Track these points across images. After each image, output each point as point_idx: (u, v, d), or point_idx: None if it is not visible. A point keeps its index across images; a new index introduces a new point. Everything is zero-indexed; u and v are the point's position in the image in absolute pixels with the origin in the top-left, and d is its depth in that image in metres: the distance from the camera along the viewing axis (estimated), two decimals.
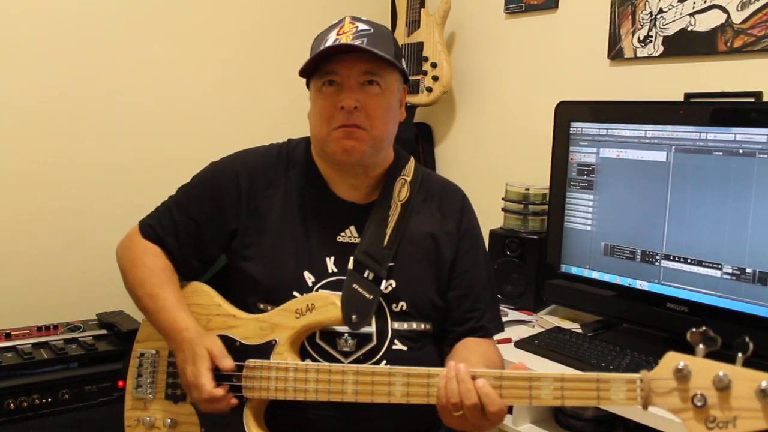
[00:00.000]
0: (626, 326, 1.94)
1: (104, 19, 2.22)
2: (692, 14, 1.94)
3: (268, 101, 2.57)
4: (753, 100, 1.79)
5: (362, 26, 1.33)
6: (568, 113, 1.98)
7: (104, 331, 2.02)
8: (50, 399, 1.81)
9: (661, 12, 2.01)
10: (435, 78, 2.48)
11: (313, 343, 1.32)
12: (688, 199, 1.72)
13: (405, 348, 1.34)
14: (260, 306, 1.35)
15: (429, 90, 2.50)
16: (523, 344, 1.84)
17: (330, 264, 1.35)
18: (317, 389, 1.21)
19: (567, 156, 1.97)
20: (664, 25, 2.01)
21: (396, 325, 1.34)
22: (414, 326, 1.36)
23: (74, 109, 2.19)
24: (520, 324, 2.05)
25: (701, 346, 0.96)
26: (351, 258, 1.34)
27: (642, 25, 2.05)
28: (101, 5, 2.21)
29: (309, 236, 1.37)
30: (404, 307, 1.35)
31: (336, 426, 1.30)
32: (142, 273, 1.39)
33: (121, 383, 1.42)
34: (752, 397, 0.91)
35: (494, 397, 1.08)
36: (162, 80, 2.35)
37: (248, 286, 1.37)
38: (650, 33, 2.04)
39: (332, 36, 1.32)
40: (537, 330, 1.98)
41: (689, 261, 1.72)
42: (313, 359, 1.31)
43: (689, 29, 1.95)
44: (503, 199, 2.27)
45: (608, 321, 1.97)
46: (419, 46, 2.52)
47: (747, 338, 0.95)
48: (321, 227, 1.38)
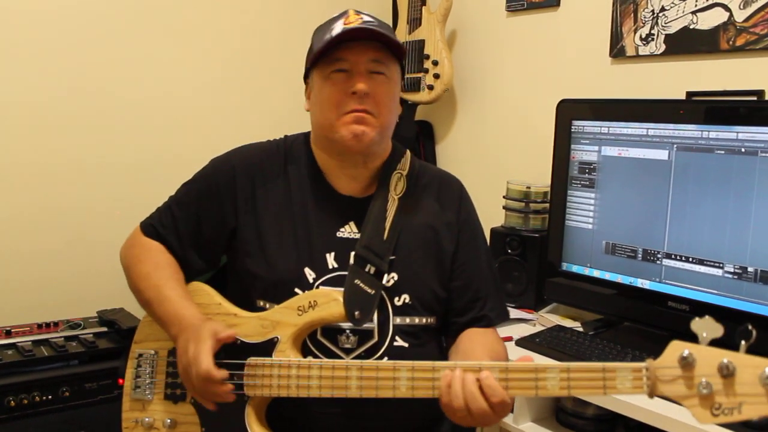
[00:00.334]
0: (627, 325, 1.93)
1: (104, 19, 2.21)
2: (694, 12, 1.94)
3: (269, 100, 2.56)
4: (755, 99, 1.78)
5: (367, 17, 1.34)
6: (570, 111, 1.98)
7: (105, 329, 2.02)
8: (50, 396, 1.81)
9: (663, 10, 2.00)
10: (436, 76, 2.48)
11: (315, 340, 1.31)
12: (690, 198, 1.72)
13: (406, 344, 1.33)
14: (260, 304, 1.35)
15: (430, 88, 2.49)
16: (524, 343, 1.83)
17: (330, 260, 1.35)
18: (320, 385, 1.21)
19: (568, 154, 1.97)
20: (666, 23, 2.00)
21: (398, 321, 1.34)
22: (416, 321, 1.36)
23: (75, 108, 2.19)
24: (521, 322, 2.05)
25: (705, 334, 0.97)
26: (352, 253, 1.34)
27: (644, 23, 2.05)
28: (101, 4, 2.21)
29: (309, 232, 1.37)
30: (407, 300, 1.35)
31: (339, 423, 1.30)
32: (148, 267, 1.39)
33: (122, 381, 1.42)
34: (756, 384, 0.92)
35: (497, 389, 1.08)
36: (162, 79, 2.35)
37: (248, 284, 1.36)
38: (652, 31, 2.03)
39: (338, 26, 1.32)
40: (538, 328, 1.98)
41: (691, 260, 1.72)
42: (315, 356, 1.30)
43: (691, 27, 1.95)
44: (504, 197, 2.26)
45: (609, 320, 1.97)
46: (420, 44, 2.52)
47: (750, 326, 0.96)
48: (321, 223, 1.38)
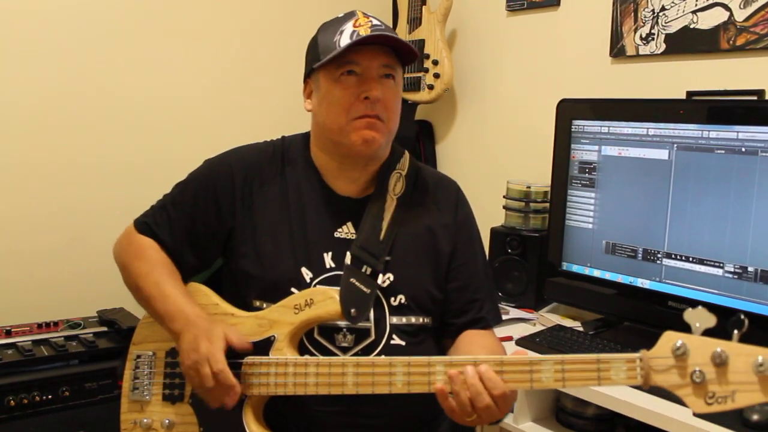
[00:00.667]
0: (627, 324, 1.93)
1: (104, 19, 2.21)
2: (695, 12, 1.94)
3: (268, 100, 2.56)
4: (755, 98, 1.78)
5: (375, 21, 1.34)
6: (570, 111, 1.98)
7: (105, 329, 2.02)
8: (50, 396, 1.81)
9: (664, 9, 2.00)
10: (436, 75, 2.47)
11: (312, 339, 1.31)
12: (690, 198, 1.72)
13: (403, 343, 1.33)
14: (257, 304, 1.35)
15: (430, 87, 2.49)
16: (524, 342, 1.83)
17: (327, 259, 1.35)
18: (317, 383, 1.21)
19: (568, 154, 1.97)
20: (667, 23, 2.00)
21: (394, 320, 1.34)
22: (413, 320, 1.36)
23: (75, 108, 2.19)
24: (521, 322, 2.05)
25: (698, 325, 0.98)
26: (348, 253, 1.34)
27: (644, 23, 2.05)
28: (99, 4, 2.21)
29: (306, 232, 1.36)
30: (403, 301, 1.35)
31: (337, 421, 1.29)
32: (146, 265, 1.38)
33: (122, 382, 1.42)
34: (749, 372, 0.92)
35: (497, 381, 1.08)
36: (162, 79, 2.35)
37: (245, 284, 1.36)
38: (652, 31, 2.03)
39: (348, 27, 1.31)
40: (538, 328, 1.98)
41: (691, 259, 1.72)
42: (312, 355, 1.30)
43: (691, 27, 1.95)
44: (504, 197, 2.26)
45: (609, 319, 1.96)
46: (420, 44, 2.52)
47: (742, 315, 0.96)
48: (318, 223, 1.37)
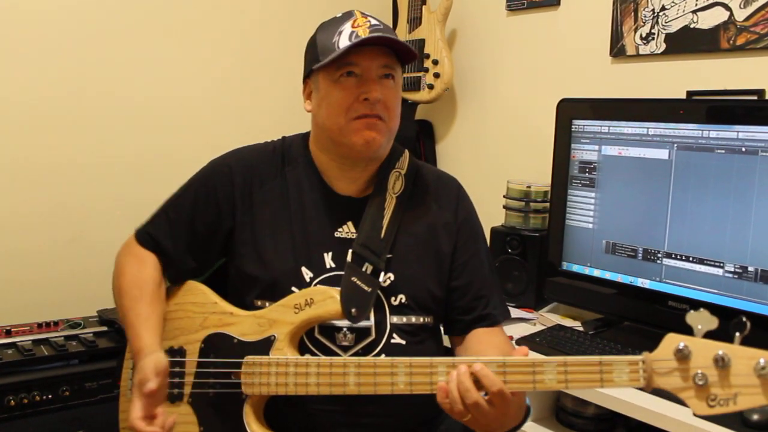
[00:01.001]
0: (627, 324, 1.93)
1: (104, 18, 2.21)
2: (695, 11, 1.94)
3: (268, 100, 2.56)
4: (755, 98, 1.78)
5: (373, 21, 1.34)
6: (570, 111, 1.98)
7: (105, 328, 2.01)
8: (50, 396, 1.81)
9: (664, 9, 2.00)
10: (436, 75, 2.47)
11: (312, 338, 1.31)
12: (690, 197, 1.72)
13: (404, 342, 1.33)
14: (258, 303, 1.35)
15: (430, 87, 2.49)
16: (525, 342, 1.83)
17: (328, 259, 1.35)
18: (318, 383, 1.21)
19: (569, 153, 1.97)
20: (667, 23, 2.00)
21: (395, 319, 1.34)
22: (413, 320, 1.36)
23: (75, 107, 2.19)
24: (522, 322, 2.05)
25: (700, 327, 0.98)
26: (349, 252, 1.34)
27: (644, 23, 2.05)
28: (101, 3, 2.21)
29: (306, 232, 1.36)
30: (403, 300, 1.35)
31: (337, 420, 1.29)
32: (124, 283, 1.39)
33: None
34: (751, 375, 0.92)
35: (491, 378, 1.06)
36: (163, 79, 2.35)
37: (246, 284, 1.36)
38: (652, 30, 2.03)
39: (347, 28, 1.31)
40: (538, 328, 1.98)
41: (691, 259, 1.72)
42: (312, 354, 1.30)
43: (692, 27, 1.95)
44: (504, 197, 2.26)
45: (609, 319, 1.96)
46: (420, 43, 2.52)
47: (744, 317, 0.96)
48: (318, 223, 1.37)
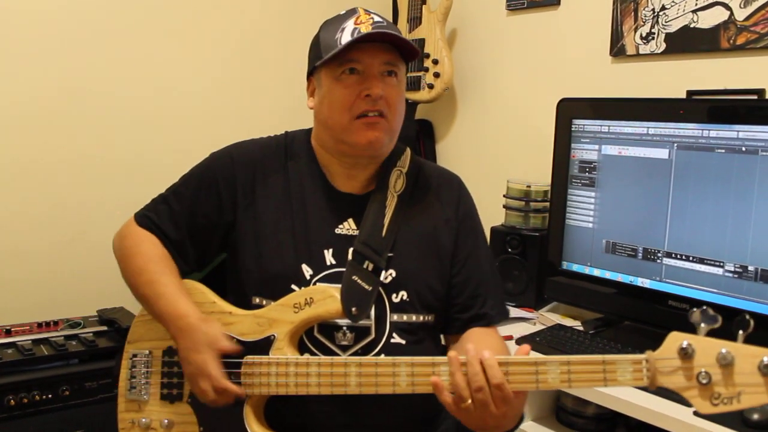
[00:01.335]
0: (627, 324, 1.93)
1: (104, 17, 2.21)
2: (695, 11, 1.94)
3: (269, 98, 2.56)
4: (755, 98, 1.78)
5: (377, 18, 1.34)
6: (570, 110, 1.98)
7: (104, 328, 2.02)
8: (50, 395, 1.81)
9: (664, 9, 2.00)
10: (436, 75, 2.47)
11: (312, 337, 1.31)
12: (690, 197, 1.72)
13: (403, 341, 1.33)
14: (257, 301, 1.34)
15: (430, 87, 2.49)
16: (525, 341, 1.83)
17: (328, 256, 1.34)
18: (319, 383, 1.20)
19: (569, 153, 1.97)
20: (667, 22, 2.00)
21: (395, 318, 1.33)
22: (413, 318, 1.35)
23: (75, 106, 2.19)
24: (522, 321, 2.05)
25: (703, 325, 0.98)
26: (350, 250, 1.33)
27: (644, 22, 2.05)
28: (101, 3, 2.21)
29: (307, 229, 1.36)
30: (405, 297, 1.34)
31: (338, 421, 1.29)
32: (141, 261, 1.37)
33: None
34: (755, 373, 0.92)
35: (497, 370, 1.06)
36: (163, 77, 2.35)
37: (245, 281, 1.36)
38: (652, 30, 2.03)
39: (350, 25, 1.31)
40: (538, 327, 1.98)
41: (691, 258, 1.72)
42: (312, 353, 1.30)
43: (692, 26, 1.95)
44: (504, 196, 2.26)
45: (609, 318, 1.96)
46: (421, 43, 2.52)
47: (747, 315, 0.96)
48: (319, 219, 1.37)
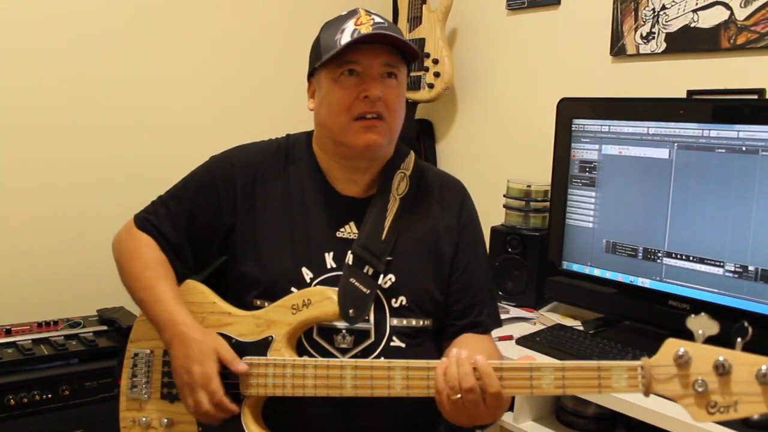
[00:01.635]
0: (628, 324, 1.93)
1: (104, 16, 2.21)
2: (695, 11, 1.93)
3: (267, 98, 2.56)
4: (756, 98, 1.78)
5: (378, 19, 1.33)
6: (570, 110, 1.97)
7: (104, 327, 2.02)
8: (50, 395, 1.81)
9: (664, 8, 2.00)
10: (436, 74, 2.47)
11: (311, 340, 1.31)
12: (691, 197, 1.71)
13: (403, 345, 1.32)
14: (257, 303, 1.34)
15: (430, 86, 2.49)
16: (525, 341, 1.83)
17: (329, 259, 1.34)
18: (316, 384, 1.21)
19: (569, 153, 1.97)
20: (667, 22, 2.00)
21: (395, 322, 1.33)
22: (413, 323, 1.35)
23: (75, 106, 2.19)
24: (522, 321, 2.05)
25: (700, 332, 0.97)
26: (349, 253, 1.33)
27: (644, 22, 2.04)
28: (101, 3, 2.20)
29: (308, 232, 1.36)
30: (404, 302, 1.34)
31: (335, 423, 1.29)
32: (138, 265, 1.37)
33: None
34: (752, 382, 0.91)
35: (493, 378, 1.07)
36: (163, 78, 2.35)
37: (245, 284, 1.36)
38: (653, 29, 2.03)
39: (350, 26, 1.30)
40: (538, 327, 1.98)
41: (691, 258, 1.72)
42: (310, 356, 1.30)
43: (692, 26, 1.94)
44: (505, 196, 2.26)
45: (610, 318, 1.96)
46: (421, 43, 2.52)
47: (746, 323, 0.95)
48: (320, 223, 1.37)
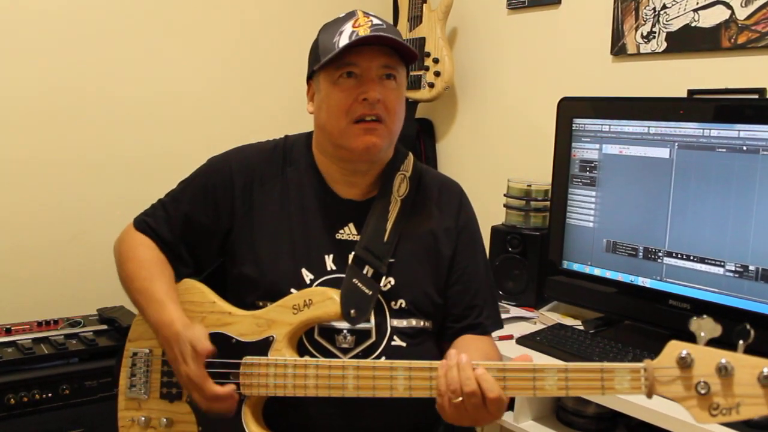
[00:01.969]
0: (628, 323, 1.93)
1: (104, 15, 2.21)
2: (696, 10, 1.93)
3: (267, 97, 2.56)
4: (756, 97, 1.78)
5: (376, 20, 1.32)
6: (571, 109, 1.97)
7: (104, 327, 2.02)
8: (50, 394, 1.81)
9: (665, 8, 1.99)
10: (437, 74, 2.47)
11: (312, 340, 1.31)
12: (691, 196, 1.71)
13: (404, 344, 1.33)
14: (259, 304, 1.34)
15: (431, 86, 2.49)
16: (525, 341, 1.83)
17: (329, 261, 1.34)
18: (317, 385, 1.20)
19: (569, 152, 1.97)
20: (668, 21, 1.99)
21: (395, 322, 1.33)
22: (413, 323, 1.35)
23: (75, 105, 2.18)
24: (522, 321, 2.05)
25: (703, 334, 0.97)
26: (351, 254, 1.33)
27: (645, 21, 2.04)
28: (100, 2, 2.20)
29: (307, 234, 1.36)
30: (403, 305, 1.34)
31: (336, 423, 1.29)
32: (133, 267, 1.38)
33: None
34: (755, 384, 0.92)
35: (493, 384, 1.07)
36: (163, 76, 2.35)
37: (245, 285, 1.36)
38: (653, 29, 2.02)
39: (348, 28, 1.30)
40: (538, 327, 1.97)
41: (692, 258, 1.72)
42: (312, 356, 1.30)
43: (693, 25, 1.94)
44: (505, 195, 2.26)
45: (610, 318, 1.96)
46: (421, 42, 2.51)
47: (748, 325, 0.95)
48: (319, 225, 1.36)
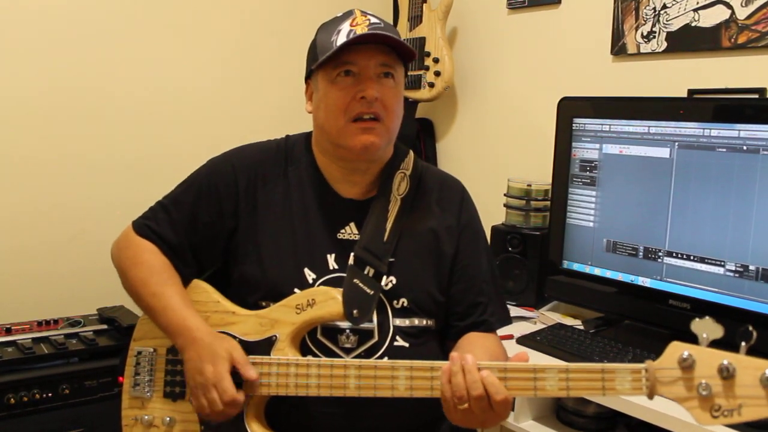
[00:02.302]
0: (628, 323, 1.93)
1: (104, 15, 2.21)
2: (696, 10, 1.93)
3: (268, 98, 2.56)
4: (757, 97, 1.78)
5: (374, 19, 1.32)
6: (571, 109, 1.97)
7: (104, 326, 2.02)
8: (50, 394, 1.81)
9: (665, 7, 1.99)
10: (437, 73, 2.47)
11: (315, 339, 1.31)
12: (691, 196, 1.71)
13: (407, 344, 1.33)
14: (262, 304, 1.34)
15: (431, 85, 2.49)
16: (525, 341, 1.83)
17: (331, 261, 1.34)
18: (319, 384, 1.21)
19: (569, 152, 1.97)
20: (668, 21, 1.99)
21: (398, 322, 1.33)
22: (416, 322, 1.35)
23: (75, 105, 2.18)
24: (522, 320, 2.05)
25: (705, 335, 0.97)
26: (351, 254, 1.33)
27: (645, 21, 2.04)
28: (100, 2, 2.20)
29: (309, 233, 1.36)
30: (405, 304, 1.34)
31: (339, 423, 1.29)
32: (144, 271, 1.36)
33: (122, 379, 1.42)
34: (757, 385, 0.91)
35: (499, 386, 1.07)
36: (163, 76, 2.34)
37: (249, 286, 1.36)
38: (654, 29, 2.03)
39: (345, 27, 1.30)
40: (539, 326, 1.98)
41: (692, 258, 1.72)
42: (314, 355, 1.30)
43: (693, 25, 1.94)
44: (505, 195, 2.26)
45: (610, 318, 1.96)
46: (421, 42, 2.51)
47: (750, 327, 0.95)
48: (321, 224, 1.36)
